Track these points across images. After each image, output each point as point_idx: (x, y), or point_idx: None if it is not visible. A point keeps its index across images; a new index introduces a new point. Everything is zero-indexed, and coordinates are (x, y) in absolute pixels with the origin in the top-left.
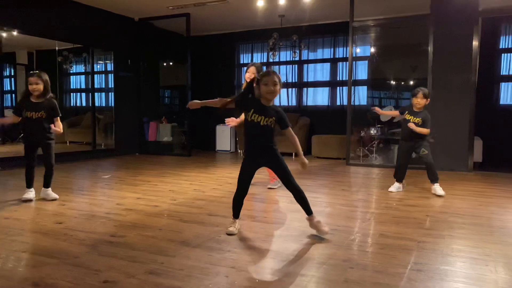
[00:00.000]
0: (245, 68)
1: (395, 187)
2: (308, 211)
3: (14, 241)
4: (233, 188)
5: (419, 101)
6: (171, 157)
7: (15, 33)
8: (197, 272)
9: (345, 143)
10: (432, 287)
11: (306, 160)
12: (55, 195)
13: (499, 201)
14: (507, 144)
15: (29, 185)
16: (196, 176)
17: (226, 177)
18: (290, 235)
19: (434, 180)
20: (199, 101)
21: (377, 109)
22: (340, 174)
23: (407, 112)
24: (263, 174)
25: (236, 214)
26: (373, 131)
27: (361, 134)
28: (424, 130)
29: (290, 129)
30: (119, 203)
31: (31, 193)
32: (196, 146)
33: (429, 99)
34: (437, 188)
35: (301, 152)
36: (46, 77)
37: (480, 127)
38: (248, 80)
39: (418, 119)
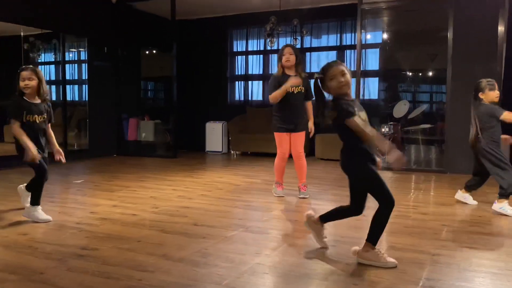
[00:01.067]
0: (239, 57)
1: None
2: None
3: None
4: (224, 195)
5: (498, 93)
6: (153, 159)
7: None
8: None
9: None
10: None
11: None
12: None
13: None
14: None
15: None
16: (182, 181)
17: (215, 181)
18: (287, 247)
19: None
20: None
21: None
22: (346, 178)
23: (504, 112)
24: (259, 179)
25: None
26: (385, 129)
27: None
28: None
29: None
30: (93, 212)
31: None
32: (182, 147)
33: None
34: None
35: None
36: (41, 73)
37: (509, 125)
38: (286, 65)
39: None
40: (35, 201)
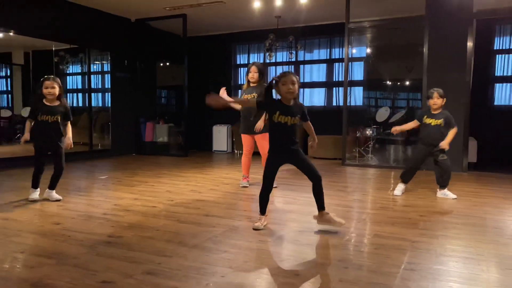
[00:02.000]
0: (242, 68)
1: (400, 189)
2: (323, 205)
3: (12, 242)
4: (230, 188)
5: (436, 102)
6: (167, 157)
7: (11, 33)
8: (194, 272)
9: (340, 144)
10: (425, 286)
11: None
12: (58, 196)
13: (493, 201)
14: (501, 145)
15: (36, 185)
16: (193, 177)
17: (222, 177)
18: (286, 235)
19: (445, 185)
20: (223, 99)
21: (395, 128)
22: (336, 175)
23: (425, 116)
24: (260, 175)
25: (262, 210)
26: (368, 132)
27: (357, 135)
28: (452, 134)
29: (308, 123)
30: (117, 204)
31: (36, 193)
32: (192, 147)
33: (445, 98)
34: (449, 193)
35: (315, 138)
36: (60, 82)
37: (474, 128)
38: (251, 80)
39: (439, 120)
40: (32, 184)
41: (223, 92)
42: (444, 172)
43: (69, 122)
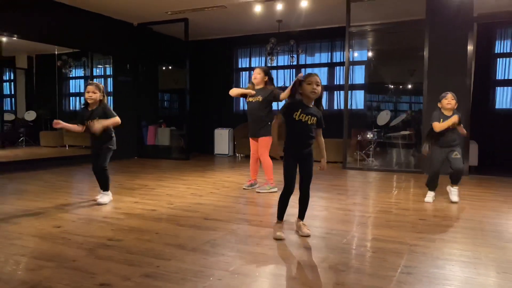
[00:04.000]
0: (243, 72)
1: (431, 196)
2: (303, 216)
3: (12, 244)
4: (231, 192)
5: (451, 102)
6: (169, 161)
7: (15, 38)
8: (192, 275)
9: (342, 147)
10: None
11: (325, 164)
12: (105, 199)
13: (492, 204)
14: (502, 148)
15: (105, 187)
16: (194, 180)
17: (223, 181)
18: (286, 239)
19: (455, 182)
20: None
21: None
22: (337, 178)
23: (441, 119)
24: (260, 178)
25: (280, 215)
26: (369, 135)
27: (358, 138)
28: (464, 131)
29: (320, 131)
30: (117, 207)
31: (106, 196)
32: (194, 150)
33: (457, 102)
34: (454, 192)
35: (325, 155)
36: (102, 88)
37: (475, 131)
38: (253, 81)
39: None
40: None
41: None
42: (456, 172)
43: (113, 118)
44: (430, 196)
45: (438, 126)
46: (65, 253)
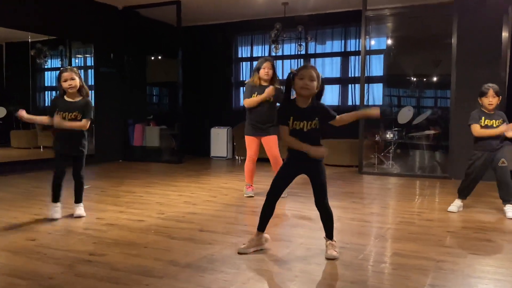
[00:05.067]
0: (244, 63)
1: (457, 206)
2: (330, 235)
3: None
4: (229, 200)
5: (492, 101)
6: (159, 164)
7: None
8: None
9: (357, 149)
10: None
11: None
12: (82, 212)
13: None
14: None
15: (55, 199)
16: (187, 187)
17: (221, 187)
18: (293, 253)
19: (508, 200)
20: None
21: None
22: (351, 184)
23: (483, 117)
24: (263, 184)
25: (260, 226)
26: (389, 135)
27: (376, 139)
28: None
29: (338, 117)
30: (99, 217)
31: (56, 209)
32: (188, 152)
33: (500, 96)
34: (509, 210)
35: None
36: (79, 73)
37: None
38: (265, 77)
39: (499, 120)
40: (52, 198)
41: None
42: (502, 183)
43: (86, 120)
44: (456, 205)
45: (479, 132)
46: (41, 270)
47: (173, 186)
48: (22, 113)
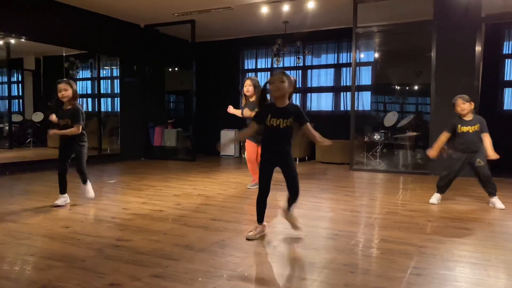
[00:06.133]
0: (250, 73)
1: (437, 198)
2: (289, 206)
3: (21, 244)
4: (237, 193)
5: (463, 107)
6: (175, 162)
7: (23, 39)
8: (201, 276)
9: (348, 148)
10: None
11: (325, 140)
12: (90, 194)
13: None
14: (510, 150)
15: (61, 191)
16: (201, 181)
17: (230, 182)
18: (292, 239)
19: (493, 192)
20: (235, 137)
21: (430, 151)
22: (344, 179)
23: (459, 125)
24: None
25: (259, 218)
26: (376, 137)
27: (365, 140)
28: (489, 141)
29: (308, 124)
30: (125, 208)
31: (62, 199)
32: (200, 151)
33: (472, 103)
34: (497, 202)
35: (319, 138)
36: (75, 85)
37: None
38: (246, 94)
39: (475, 126)
40: (59, 190)
41: (230, 109)
42: (484, 179)
43: (76, 125)
44: (435, 197)
45: (440, 139)
46: (74, 253)
47: (188, 180)
48: (54, 133)
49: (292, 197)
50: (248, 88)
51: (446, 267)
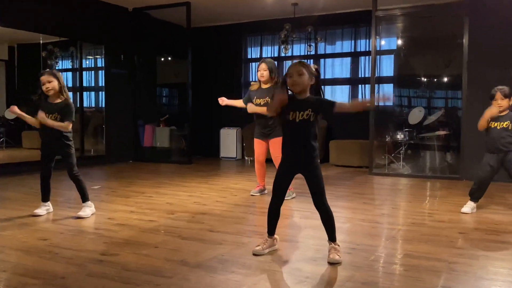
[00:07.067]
0: (253, 63)
1: (471, 207)
2: (332, 236)
3: None
4: (238, 200)
5: (501, 103)
6: (169, 165)
7: None
8: None
9: (367, 150)
10: None
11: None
12: (86, 212)
13: None
14: None
15: (43, 198)
16: (197, 187)
17: (230, 188)
18: (303, 254)
19: None
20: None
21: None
22: (362, 185)
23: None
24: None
25: (270, 230)
26: (400, 136)
27: (386, 139)
28: None
29: (337, 103)
30: (110, 218)
31: (43, 208)
32: (197, 153)
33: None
34: None
35: (361, 103)
36: (59, 74)
37: None
38: (261, 79)
39: (506, 122)
40: (41, 197)
41: (224, 101)
42: None
43: (67, 122)
44: (469, 206)
45: (480, 122)
46: (53, 269)
47: (183, 186)
48: (14, 108)
49: (323, 219)
50: (262, 72)
51: (480, 286)
